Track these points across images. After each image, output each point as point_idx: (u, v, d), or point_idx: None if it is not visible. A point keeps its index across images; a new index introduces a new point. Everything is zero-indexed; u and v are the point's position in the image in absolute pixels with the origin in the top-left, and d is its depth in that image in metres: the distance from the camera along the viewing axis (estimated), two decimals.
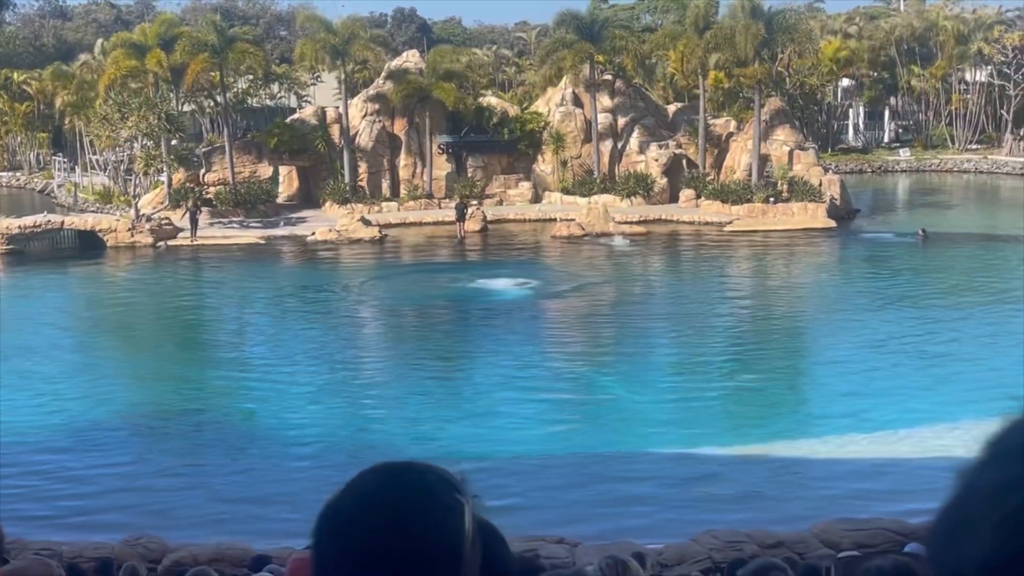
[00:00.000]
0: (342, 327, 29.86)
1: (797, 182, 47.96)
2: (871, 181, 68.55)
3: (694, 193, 50.03)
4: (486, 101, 55.95)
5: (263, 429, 20.46)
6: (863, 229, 46.21)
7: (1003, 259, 38.03)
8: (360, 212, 47.53)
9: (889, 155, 75.10)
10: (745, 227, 45.44)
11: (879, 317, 29.17)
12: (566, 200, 51.55)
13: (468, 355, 26.79)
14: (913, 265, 37.69)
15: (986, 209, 55.19)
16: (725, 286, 34.76)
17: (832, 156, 70.98)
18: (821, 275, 36.91)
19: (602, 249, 41.73)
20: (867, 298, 31.93)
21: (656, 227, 46.23)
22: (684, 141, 53.55)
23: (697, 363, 24.87)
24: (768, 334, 27.85)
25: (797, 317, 30.34)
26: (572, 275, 36.61)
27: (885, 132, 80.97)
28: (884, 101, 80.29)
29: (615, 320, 30.02)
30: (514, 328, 28.84)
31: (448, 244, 44.57)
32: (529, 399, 21.82)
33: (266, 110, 64.17)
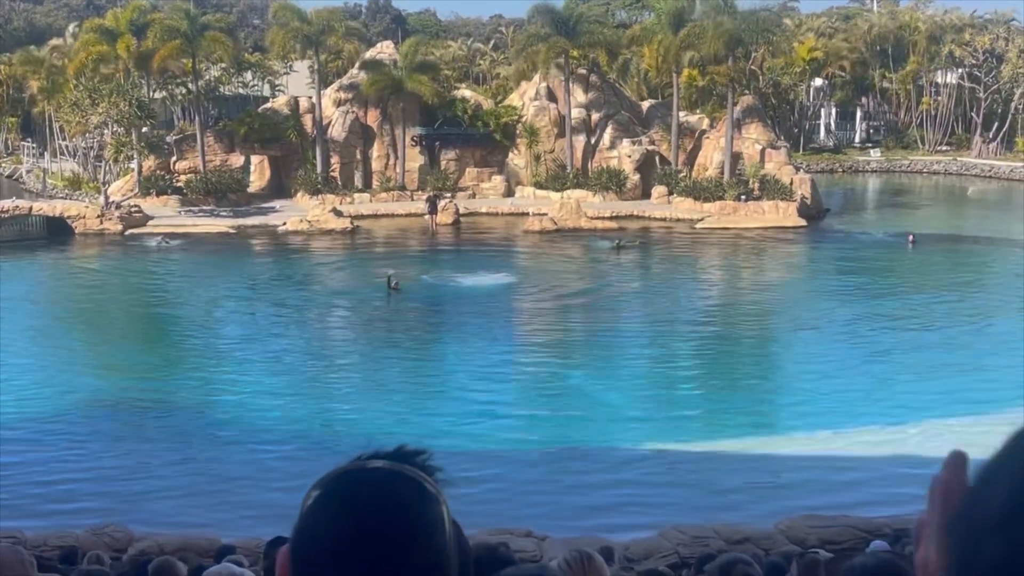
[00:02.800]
0: (311, 318, 29.71)
1: (769, 180, 48.19)
2: (842, 180, 69.01)
3: (666, 190, 50.15)
4: (460, 93, 55.86)
5: (232, 419, 20.33)
6: (833, 228, 46.52)
7: (969, 260, 38.39)
8: (332, 203, 47.36)
9: (860, 155, 75.65)
10: (717, 224, 45.62)
11: (850, 314, 29.39)
12: (539, 194, 51.52)
13: (440, 349, 26.73)
14: (890, 265, 37.96)
15: (955, 211, 55.68)
16: (697, 283, 34.89)
17: (804, 155, 71.37)
18: (793, 273, 37.13)
19: (577, 244, 41.72)
20: (839, 296, 32.13)
21: (628, 223, 46.26)
22: (657, 138, 53.64)
23: (669, 360, 24.95)
24: (741, 332, 27.97)
25: (768, 315, 30.48)
26: (544, 271, 36.61)
27: (856, 132, 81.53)
28: (856, 101, 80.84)
29: (586, 316, 30.03)
30: (485, 323, 28.78)
31: (420, 236, 44.48)
32: (500, 394, 21.81)
33: (238, 99, 63.74)
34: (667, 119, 53.24)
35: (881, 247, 41.25)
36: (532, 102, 54.31)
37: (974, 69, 74.00)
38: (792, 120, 76.12)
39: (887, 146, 77.33)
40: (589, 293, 33.00)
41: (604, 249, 40.14)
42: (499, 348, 25.93)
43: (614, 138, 53.22)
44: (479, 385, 22.37)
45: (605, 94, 55.34)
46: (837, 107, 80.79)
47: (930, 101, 75.58)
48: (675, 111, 52.10)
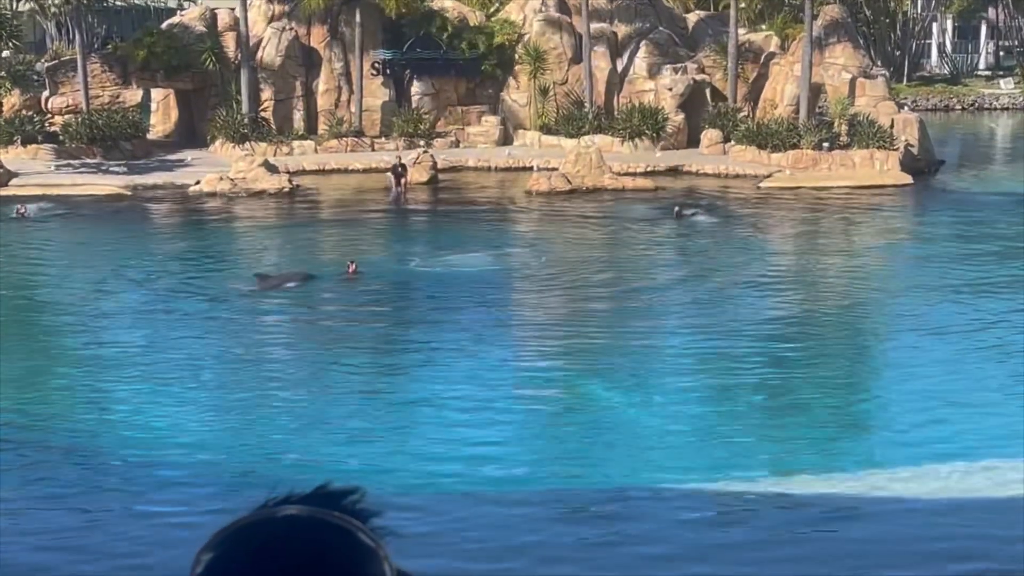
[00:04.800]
0: (233, 314, 29.50)
1: (861, 122, 47.98)
2: (962, 121, 68.83)
3: (721, 135, 49.98)
4: (438, 4, 55.63)
5: (117, 447, 20.15)
6: (950, 187, 46.30)
7: None
8: (263, 154, 47.21)
9: (986, 87, 75.39)
10: (789, 183, 45.45)
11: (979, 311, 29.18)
12: (546, 142, 51.37)
13: (408, 357, 26.57)
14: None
15: None
16: (760, 272, 34.59)
17: (909, 87, 71.19)
18: (898, 254, 36.76)
19: (602, 210, 41.51)
20: (963, 287, 31.91)
21: (668, 181, 46.04)
22: (708, 64, 53.39)
23: (720, 373, 24.81)
24: (822, 337, 27.78)
25: (865, 319, 30.29)
26: (558, 249, 36.45)
27: (981, 56, 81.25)
28: (981, 13, 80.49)
29: (606, 315, 29.85)
30: (474, 322, 28.61)
31: (384, 200, 44.29)
32: (486, 418, 21.67)
33: (135, 11, 63.54)
34: (722, 38, 52.98)
35: (1018, 214, 41.00)
36: (537, 15, 54.14)
37: None
38: (894, 40, 75.80)
39: (1023, 75, 77.03)
40: (619, 279, 32.78)
41: (653, 218, 39.91)
42: (492, 357, 25.74)
43: (650, 65, 53.05)
44: (461, 407, 22.20)
45: (637, 3, 55.15)
46: (955, 21, 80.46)
47: None
48: (733, 27, 51.82)
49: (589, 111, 51.80)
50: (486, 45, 53.37)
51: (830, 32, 51.09)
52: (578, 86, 52.87)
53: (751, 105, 52.31)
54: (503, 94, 54.31)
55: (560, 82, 53.44)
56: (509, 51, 53.74)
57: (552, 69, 53.12)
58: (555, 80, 53.29)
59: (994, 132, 67.71)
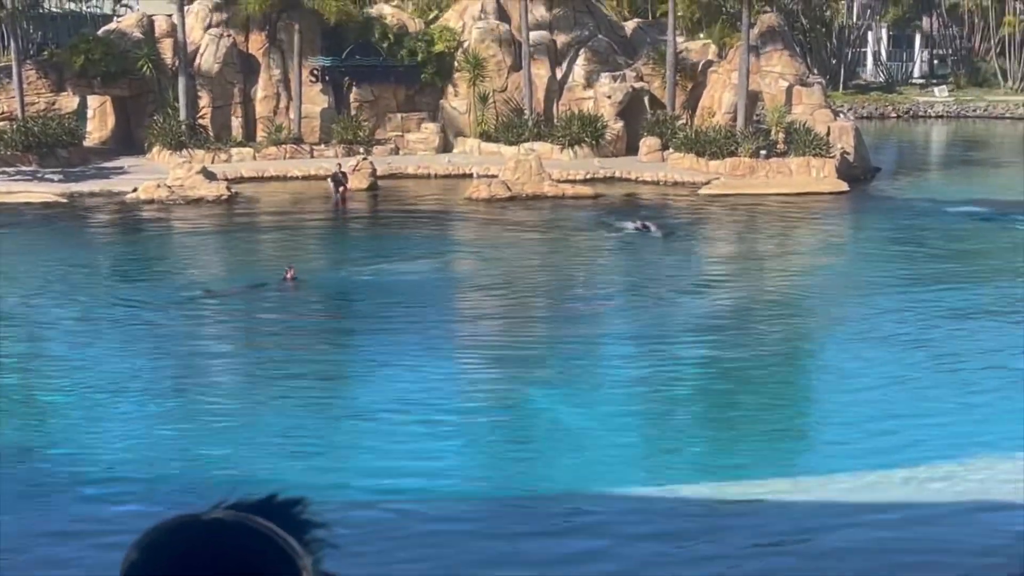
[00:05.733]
0: (170, 325, 29.22)
1: (798, 130, 48.29)
2: (896, 129, 69.47)
3: (659, 143, 50.14)
4: (377, 11, 55.52)
5: (44, 462, 19.86)
6: (885, 195, 46.68)
7: None
8: (201, 161, 46.87)
9: (921, 95, 76.16)
10: (728, 190, 45.64)
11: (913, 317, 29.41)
12: (486, 149, 51.35)
13: (347, 366, 26.42)
14: (971, 248, 38.07)
15: None
16: (700, 276, 34.72)
17: (845, 95, 71.80)
18: (833, 261, 36.99)
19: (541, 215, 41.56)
20: (898, 294, 32.16)
21: (608, 188, 46.15)
22: (647, 72, 53.55)
23: (663, 382, 24.82)
24: (764, 346, 27.88)
25: (806, 327, 30.44)
26: (498, 256, 36.39)
27: (915, 64, 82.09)
28: (915, 22, 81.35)
29: (548, 323, 29.83)
30: (409, 331, 28.50)
31: (324, 207, 44.11)
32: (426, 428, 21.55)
33: (71, 18, 62.91)
34: (660, 46, 53.18)
35: (955, 222, 41.40)
36: (476, 23, 54.08)
37: None
38: (830, 48, 76.46)
39: (957, 83, 77.92)
40: (561, 286, 32.79)
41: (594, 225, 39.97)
42: (432, 366, 25.63)
43: (589, 72, 53.15)
44: (401, 417, 22.09)
45: (576, 11, 55.25)
46: (890, 30, 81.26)
47: (1014, 21, 76.20)
48: (671, 35, 52.04)
49: (529, 118, 51.84)
50: (425, 52, 53.30)
51: (767, 40, 51.38)
52: (517, 93, 52.89)
53: (689, 113, 52.53)
54: (443, 101, 54.25)
55: (500, 89, 53.44)
56: (448, 58, 53.70)
57: (492, 76, 53.10)
58: (495, 87, 53.28)
59: (928, 139, 68.39)
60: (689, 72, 53.47)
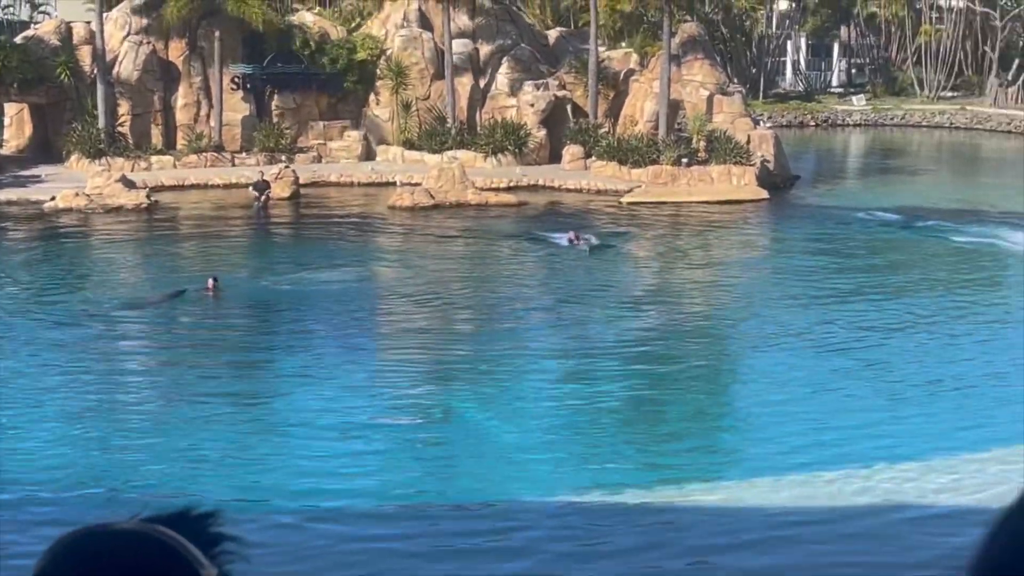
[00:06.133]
0: (88, 336, 28.83)
1: (718, 138, 48.64)
2: (815, 137, 70.15)
3: (582, 151, 50.26)
4: (299, 19, 55.22)
5: None
6: (804, 202, 47.11)
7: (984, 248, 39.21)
8: (120, 169, 46.35)
9: (839, 104, 77.00)
10: (650, 198, 45.85)
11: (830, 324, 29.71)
12: (409, 157, 51.22)
13: (269, 376, 26.22)
14: (885, 255, 38.50)
15: (966, 177, 56.95)
16: (626, 287, 34.82)
17: (765, 104, 72.41)
18: (752, 270, 37.29)
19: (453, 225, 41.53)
20: (815, 303, 32.45)
21: (531, 196, 46.18)
22: (570, 80, 53.66)
23: (590, 388, 24.86)
24: (683, 352, 28.02)
25: (726, 334, 30.62)
26: (415, 265, 36.33)
27: (834, 73, 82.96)
28: (833, 32, 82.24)
29: (470, 332, 29.77)
30: (332, 340, 28.34)
31: (245, 216, 43.79)
32: (346, 437, 21.44)
33: None
34: (583, 55, 53.30)
35: (872, 229, 41.86)
36: (399, 31, 53.96)
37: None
38: (749, 57, 77.09)
39: (874, 92, 78.88)
40: (484, 295, 32.78)
41: (517, 233, 40.00)
42: (354, 375, 25.51)
43: (512, 81, 53.16)
44: (322, 426, 21.95)
45: (499, 20, 55.24)
46: (809, 40, 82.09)
47: (930, 31, 77.27)
48: (593, 44, 52.21)
49: (452, 126, 51.76)
50: (348, 60, 53.06)
51: (688, 50, 51.71)
52: (440, 101, 52.80)
53: (612, 121, 52.70)
54: (365, 109, 54.03)
55: (423, 97, 53.32)
56: (371, 66, 53.49)
57: (414, 84, 52.97)
58: (417, 95, 53.15)
59: (847, 148, 69.12)
60: (611, 81, 53.65)
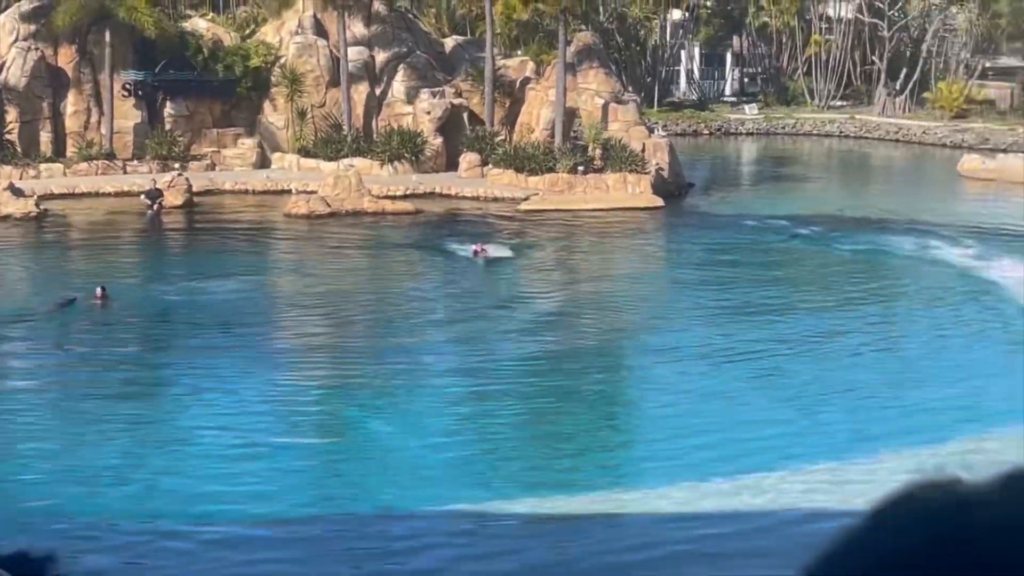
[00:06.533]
0: None
1: (614, 146, 48.87)
2: (709, 146, 70.83)
3: (479, 158, 50.23)
4: (192, 25, 54.60)
5: None
6: (698, 210, 47.53)
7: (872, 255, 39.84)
8: (8, 177, 45.55)
9: (732, 113, 77.85)
10: (547, 205, 45.95)
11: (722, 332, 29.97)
12: (305, 165, 50.84)
13: (159, 387, 25.83)
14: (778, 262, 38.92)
15: (855, 185, 57.83)
16: (522, 296, 34.79)
17: (659, 112, 72.98)
18: (646, 279, 37.43)
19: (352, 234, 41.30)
20: (708, 311, 32.73)
21: (428, 204, 46.07)
22: (466, 88, 53.63)
23: (489, 399, 24.81)
24: (577, 360, 28.08)
25: (617, 337, 30.74)
26: (312, 273, 36.08)
27: (727, 82, 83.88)
28: (726, 42, 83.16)
29: (367, 341, 29.60)
30: (225, 351, 27.99)
31: (137, 225, 43.18)
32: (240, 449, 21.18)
33: None
34: (479, 63, 53.31)
35: (764, 236, 42.31)
36: (294, 38, 53.57)
37: (875, 0, 77.25)
38: (644, 66, 77.67)
39: (766, 101, 79.89)
40: (381, 304, 32.62)
41: (414, 241, 39.85)
42: (248, 386, 25.21)
43: (408, 89, 53.03)
44: (216, 439, 21.67)
45: (395, 28, 55.08)
46: (703, 49, 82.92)
47: (821, 41, 78.45)
48: (489, 52, 52.24)
49: (348, 134, 51.48)
50: (241, 67, 52.56)
51: (583, 58, 51.94)
52: (336, 109, 52.49)
53: (508, 129, 52.75)
54: (260, 116, 53.54)
55: (318, 105, 52.96)
56: (265, 73, 53.03)
57: (310, 92, 52.61)
58: (313, 103, 52.78)
59: (739, 156, 69.90)
60: (507, 89, 53.72)
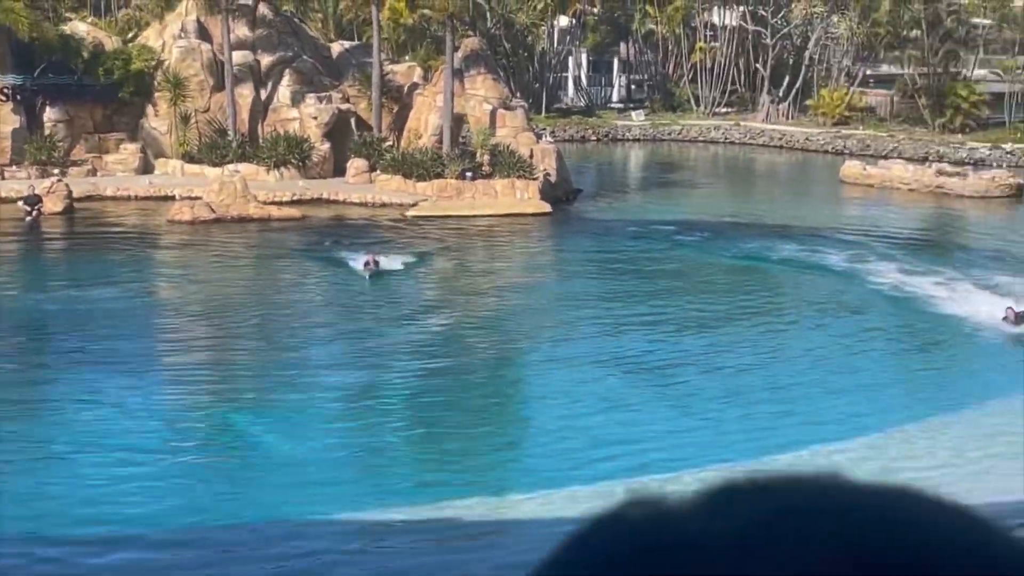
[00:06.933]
0: None
1: (502, 152, 48.90)
2: (596, 152, 71.18)
3: (367, 164, 49.97)
4: (71, 28, 53.61)
5: None
6: (586, 215, 47.72)
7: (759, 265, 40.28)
8: None
9: (619, 119, 78.33)
10: (436, 211, 45.82)
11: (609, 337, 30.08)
12: (189, 170, 50.17)
13: (37, 397, 25.28)
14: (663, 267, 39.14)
15: (742, 191, 58.47)
16: (412, 304, 34.60)
17: (547, 118, 73.14)
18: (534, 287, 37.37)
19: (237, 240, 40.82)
20: (595, 317, 32.83)
21: (315, 210, 45.70)
22: (353, 93, 53.33)
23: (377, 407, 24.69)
24: (468, 367, 28.03)
25: (506, 344, 30.73)
26: (196, 280, 35.62)
27: (614, 89, 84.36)
28: (613, 48, 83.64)
29: (251, 352, 29.27)
30: (105, 360, 27.46)
31: (15, 232, 42.26)
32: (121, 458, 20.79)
33: None
34: (366, 68, 53.06)
35: (651, 242, 42.55)
36: (177, 42, 52.88)
37: (759, 7, 78.23)
38: (532, 72, 77.84)
39: (653, 107, 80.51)
40: (265, 312, 32.28)
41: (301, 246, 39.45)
42: (129, 395, 24.77)
43: (295, 93, 52.63)
44: (96, 448, 21.26)
45: (280, 32, 54.60)
46: (590, 56, 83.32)
47: (706, 49, 79.24)
48: (376, 57, 51.98)
49: (233, 139, 50.90)
50: (123, 71, 51.70)
51: (471, 64, 51.91)
52: (221, 114, 51.88)
53: (396, 135, 52.55)
54: (143, 121, 52.70)
55: (202, 109, 52.29)
56: (148, 77, 52.24)
57: (194, 96, 51.93)
58: (197, 107, 52.10)
59: (627, 162, 70.35)
60: (395, 94, 53.52)
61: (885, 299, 34.17)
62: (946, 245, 43.09)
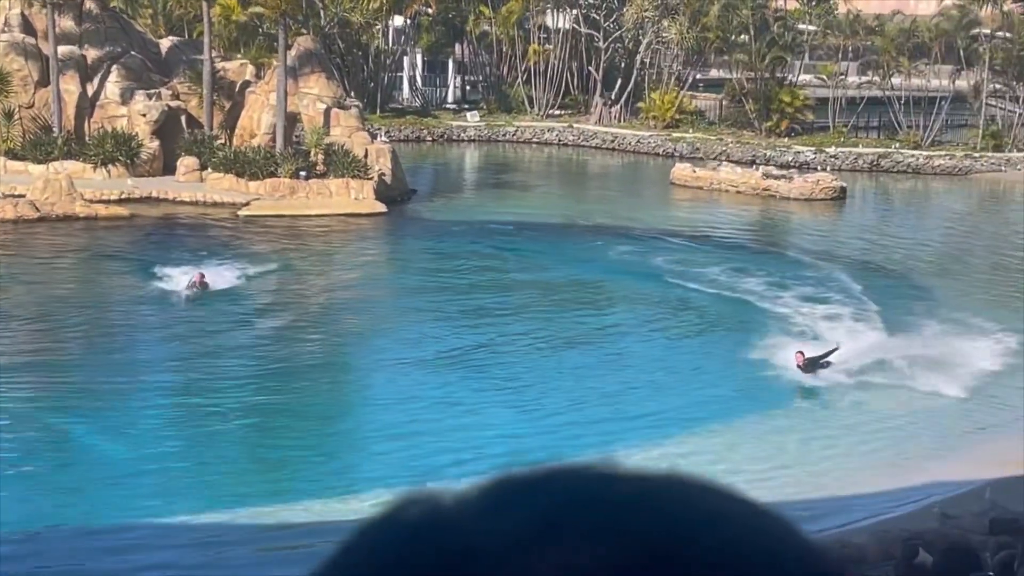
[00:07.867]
0: None
1: (336, 151, 48.66)
2: (432, 152, 71.27)
3: (197, 162, 49.27)
4: None
5: None
6: (421, 216, 47.79)
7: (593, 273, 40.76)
8: None
9: (454, 119, 78.48)
10: (269, 211, 45.44)
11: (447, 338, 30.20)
12: (13, 168, 48.90)
13: None
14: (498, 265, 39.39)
15: (575, 192, 59.06)
16: (246, 306, 34.22)
17: (382, 118, 72.96)
18: (369, 288, 37.29)
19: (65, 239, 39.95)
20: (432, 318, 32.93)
21: (144, 208, 44.94)
22: (183, 90, 52.53)
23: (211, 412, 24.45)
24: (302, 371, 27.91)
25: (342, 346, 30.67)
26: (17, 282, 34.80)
27: (449, 89, 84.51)
28: (448, 49, 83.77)
29: (78, 353, 28.75)
30: None
31: None
32: None
33: None
34: (197, 65, 52.31)
35: (484, 242, 42.77)
36: (0, 35, 51.46)
37: (591, 11, 79.08)
38: (366, 72, 77.56)
39: (488, 108, 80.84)
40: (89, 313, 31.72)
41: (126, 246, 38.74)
42: None
43: (123, 90, 51.62)
44: None
45: (107, 26, 53.55)
46: (425, 56, 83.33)
47: (539, 51, 79.85)
48: (207, 54, 51.28)
49: (59, 136, 49.72)
50: None
51: (304, 62, 51.51)
52: (46, 110, 50.61)
53: (228, 133, 51.88)
54: None
55: (26, 105, 50.94)
56: None
57: (17, 91, 50.54)
58: (21, 103, 50.72)
59: (462, 162, 70.54)
60: (227, 92, 52.85)
61: (683, 301, 34.88)
62: (769, 248, 44.10)
